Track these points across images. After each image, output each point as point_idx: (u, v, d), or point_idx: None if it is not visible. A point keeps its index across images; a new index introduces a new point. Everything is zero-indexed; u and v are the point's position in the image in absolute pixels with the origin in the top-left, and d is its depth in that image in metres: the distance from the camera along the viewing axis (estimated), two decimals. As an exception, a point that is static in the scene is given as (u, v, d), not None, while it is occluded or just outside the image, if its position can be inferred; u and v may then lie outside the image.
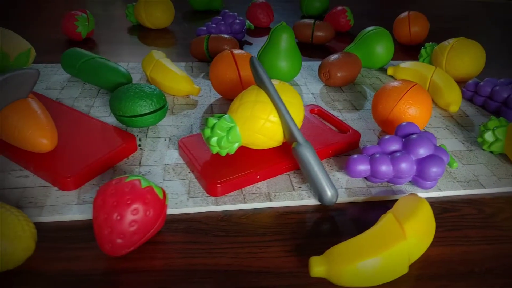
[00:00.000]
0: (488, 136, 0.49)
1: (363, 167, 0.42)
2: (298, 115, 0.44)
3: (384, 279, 0.32)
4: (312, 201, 0.42)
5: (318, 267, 0.32)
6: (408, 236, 0.32)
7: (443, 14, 1.20)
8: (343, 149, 0.49)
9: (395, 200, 0.43)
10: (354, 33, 0.96)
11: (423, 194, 0.44)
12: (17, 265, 0.32)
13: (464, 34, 0.84)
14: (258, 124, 0.41)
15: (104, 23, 0.95)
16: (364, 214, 0.41)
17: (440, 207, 0.43)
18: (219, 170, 0.42)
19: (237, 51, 0.58)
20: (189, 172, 0.45)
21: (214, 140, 0.41)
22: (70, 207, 0.39)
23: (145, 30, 0.92)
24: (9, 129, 0.41)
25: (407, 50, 0.87)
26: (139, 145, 0.49)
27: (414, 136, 0.43)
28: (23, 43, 0.61)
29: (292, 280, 0.34)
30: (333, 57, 0.66)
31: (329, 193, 0.40)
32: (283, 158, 0.45)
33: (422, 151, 0.42)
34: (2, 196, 0.40)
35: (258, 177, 0.43)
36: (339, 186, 0.44)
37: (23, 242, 0.32)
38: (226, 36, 0.72)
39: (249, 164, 0.43)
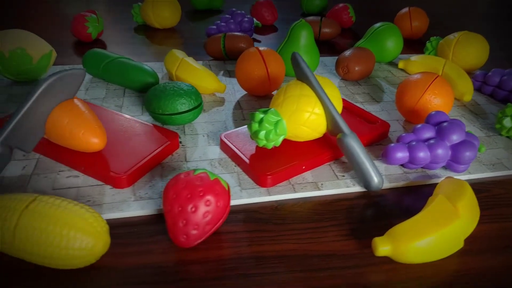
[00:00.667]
0: (507, 122, 0.53)
1: (401, 154, 0.45)
2: (338, 107, 0.46)
3: (443, 254, 0.35)
4: (357, 188, 0.44)
5: (383, 246, 0.34)
6: (461, 214, 0.35)
7: (432, 10, 1.25)
8: (375, 139, 0.51)
9: (432, 184, 0.46)
10: (356, 29, 1.00)
11: (457, 177, 0.47)
12: (95, 261, 0.33)
13: (458, 29, 0.89)
14: (304, 117, 0.43)
15: (109, 24, 0.95)
16: (406, 198, 0.44)
17: (473, 189, 0.46)
18: (267, 163, 0.44)
19: (262, 48, 0.59)
20: (235, 166, 0.46)
21: (262, 133, 0.43)
22: (129, 203, 0.40)
23: (152, 30, 0.92)
24: (60, 129, 0.41)
25: (409, 44, 0.91)
26: (180, 142, 0.50)
27: (445, 123, 0.46)
28: (44, 45, 0.61)
29: (356, 261, 0.36)
30: (349, 52, 0.68)
31: (376, 179, 0.42)
32: (324, 149, 0.47)
33: (455, 137, 0.45)
34: (60, 196, 0.40)
35: (303, 167, 0.45)
36: (379, 173, 0.46)
37: (102, 238, 0.32)
38: (241, 34, 0.74)
39: (293, 155, 0.45)
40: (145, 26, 0.94)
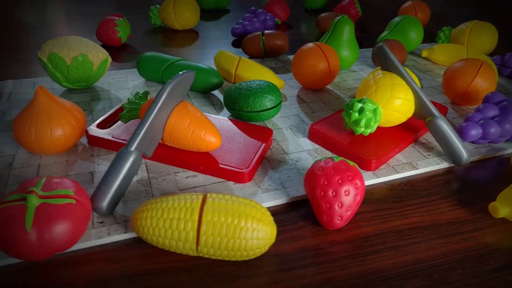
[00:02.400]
0: (541, 98, 0.61)
1: (475, 131, 0.51)
2: (417, 93, 0.51)
3: (549, 210, 0.41)
4: (445, 165, 0.49)
5: (503, 209, 0.39)
6: (556, 175, 0.42)
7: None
8: (437, 121, 0.57)
9: (500, 156, 0.52)
10: (362, 23, 1.06)
11: (516, 148, 0.54)
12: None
13: (453, 18, 0.98)
14: (397, 103, 0.48)
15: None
16: (485, 169, 0.50)
17: (533, 157, 0.53)
18: (367, 148, 0.48)
19: (319, 43, 0.63)
20: (332, 154, 0.49)
21: (363, 121, 0.47)
22: (259, 196, 0.42)
23: (172, 31, 0.92)
24: (181, 131, 0.42)
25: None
26: (272, 137, 0.52)
27: (505, 102, 0.53)
28: (102, 51, 0.60)
29: (475, 225, 0.41)
30: (381, 44, 0.74)
31: (465, 155, 0.47)
32: (408, 132, 0.52)
33: (518, 113, 0.52)
34: (189, 196, 0.41)
35: (396, 150, 0.49)
36: (455, 150, 0.52)
37: (274, 226, 0.35)
38: (277, 32, 0.77)
39: (386, 140, 0.49)
40: (163, 28, 0.94)
